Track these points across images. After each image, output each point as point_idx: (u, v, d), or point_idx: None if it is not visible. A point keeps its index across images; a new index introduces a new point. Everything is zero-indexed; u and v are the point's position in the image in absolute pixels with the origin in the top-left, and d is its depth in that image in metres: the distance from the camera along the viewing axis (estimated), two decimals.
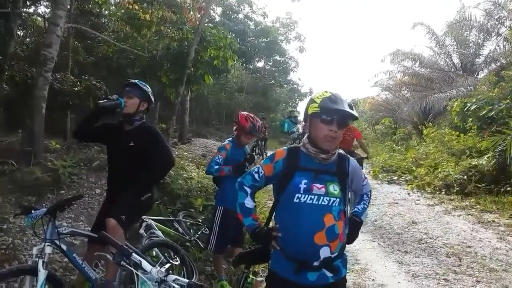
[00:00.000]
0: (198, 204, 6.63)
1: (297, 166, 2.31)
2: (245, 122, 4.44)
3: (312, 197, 2.23)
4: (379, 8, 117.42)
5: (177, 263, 3.84)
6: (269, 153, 17.41)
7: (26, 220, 3.23)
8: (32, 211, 3.23)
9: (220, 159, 4.33)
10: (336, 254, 2.26)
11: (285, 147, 2.47)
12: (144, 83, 3.79)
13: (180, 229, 5.64)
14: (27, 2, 13.52)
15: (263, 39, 33.03)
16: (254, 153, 15.42)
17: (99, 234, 2.74)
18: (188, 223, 5.94)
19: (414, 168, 13.16)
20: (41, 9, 17.50)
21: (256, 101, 30.87)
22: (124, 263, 2.44)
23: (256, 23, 33.55)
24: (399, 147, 18.97)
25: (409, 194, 10.66)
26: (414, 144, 18.36)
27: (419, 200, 9.90)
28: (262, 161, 2.55)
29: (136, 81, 3.78)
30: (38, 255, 2.97)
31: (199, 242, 5.51)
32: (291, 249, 2.24)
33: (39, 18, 17.02)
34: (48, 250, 3.05)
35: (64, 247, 3.23)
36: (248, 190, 2.44)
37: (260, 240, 2.39)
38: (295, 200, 2.23)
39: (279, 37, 34.32)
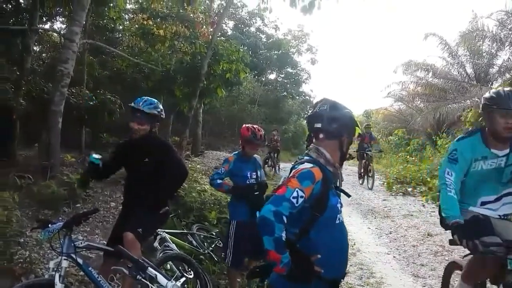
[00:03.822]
0: (212, 217, 6.64)
1: (329, 186, 2.20)
2: (246, 131, 4.49)
3: (341, 215, 2.25)
4: (391, 19, 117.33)
5: (191, 276, 3.85)
6: (281, 165, 17.44)
7: (43, 234, 3.25)
8: (49, 225, 3.24)
9: (222, 171, 4.44)
10: None
11: (314, 164, 2.20)
12: (153, 104, 3.75)
13: (194, 242, 5.65)
14: (43, 18, 13.84)
15: (275, 52, 33.17)
16: (266, 165, 15.58)
17: (116, 248, 2.77)
18: (202, 236, 5.95)
19: (428, 179, 13.00)
20: (57, 25, 17.90)
21: (269, 113, 30.91)
22: (140, 277, 2.47)
23: (267, 36, 33.76)
24: (413, 158, 18.77)
25: (424, 205, 10.52)
26: (428, 155, 18.15)
27: (434, 212, 9.77)
28: (299, 182, 2.09)
29: (143, 106, 3.69)
30: (55, 269, 3.00)
31: (213, 255, 5.52)
32: (331, 270, 2.15)
33: (55, 34, 17.42)
34: (65, 264, 3.07)
35: (80, 260, 3.25)
36: (286, 221, 2.03)
37: (302, 272, 2.05)
38: (336, 221, 2.21)
39: (290, 49, 34.43)
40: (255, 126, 4.60)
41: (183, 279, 2.60)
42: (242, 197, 4.35)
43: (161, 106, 3.84)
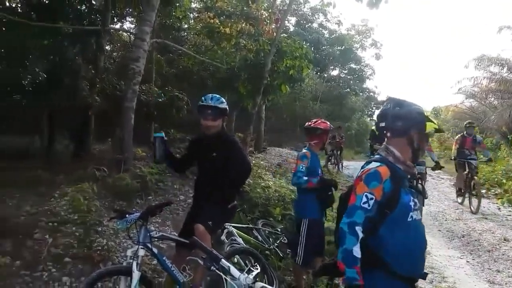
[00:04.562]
0: (276, 213, 6.68)
1: (400, 183, 2.18)
2: (324, 124, 4.59)
3: (417, 213, 2.22)
4: (461, 12, 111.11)
5: (258, 271, 3.90)
6: (344, 163, 17.14)
7: (121, 224, 3.44)
8: (126, 216, 3.43)
9: (304, 168, 4.36)
10: None
11: (381, 163, 2.22)
12: (220, 100, 3.84)
13: (259, 237, 5.72)
14: (114, 19, 14.57)
15: (338, 47, 32.67)
16: (329, 163, 15.40)
17: (191, 239, 2.86)
18: (267, 232, 6.00)
19: (504, 181, 12.23)
20: (127, 25, 18.80)
21: (331, 110, 30.53)
22: (214, 268, 2.54)
23: (330, 31, 33.30)
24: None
25: (499, 208, 9.92)
26: (503, 155, 17.07)
27: (510, 215, 9.18)
28: (366, 185, 2.14)
29: (214, 103, 3.78)
30: (132, 257, 3.15)
31: (278, 251, 5.55)
32: (407, 268, 2.15)
33: (124, 34, 18.29)
34: (141, 252, 3.23)
35: (155, 250, 3.40)
36: (360, 235, 2.07)
37: None
38: (408, 219, 2.17)
39: (354, 45, 33.77)
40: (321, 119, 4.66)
41: (255, 272, 2.63)
42: (325, 190, 4.35)
43: (224, 100, 3.94)
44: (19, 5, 11.98)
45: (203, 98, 3.88)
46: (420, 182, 7.53)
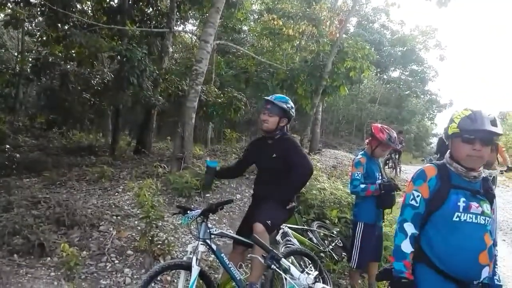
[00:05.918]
0: (332, 216, 6.58)
1: (450, 184, 2.25)
2: (380, 133, 4.33)
3: (471, 216, 2.20)
4: None
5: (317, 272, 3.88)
6: (402, 167, 16.60)
7: (183, 219, 3.52)
8: (188, 212, 3.52)
9: (359, 175, 4.27)
10: (490, 275, 2.23)
11: (431, 164, 2.38)
12: (283, 99, 3.85)
13: (314, 239, 5.66)
14: (178, 21, 15.06)
15: (400, 48, 31.77)
16: (387, 167, 14.99)
17: (252, 237, 2.89)
18: (322, 234, 5.93)
19: None
20: (189, 27, 19.40)
21: (389, 112, 29.73)
22: (275, 267, 2.56)
23: (392, 32, 32.48)
24: None
25: None
26: None
27: None
28: (413, 184, 2.35)
29: (274, 99, 3.82)
30: (192, 252, 3.23)
31: (333, 254, 5.48)
32: (452, 268, 2.18)
33: (186, 35, 18.88)
34: (201, 248, 3.30)
35: (214, 246, 3.46)
36: (409, 231, 2.28)
37: None
38: (454, 219, 2.19)
39: (417, 46, 32.66)
40: (386, 126, 4.46)
41: (316, 273, 2.62)
42: (387, 194, 4.23)
43: (291, 104, 3.92)
44: (89, 8, 12.69)
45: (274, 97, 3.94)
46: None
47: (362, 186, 4.23)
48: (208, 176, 4.08)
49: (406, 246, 2.26)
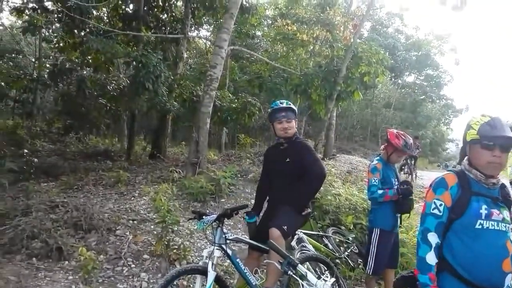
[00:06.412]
0: (348, 221, 6.53)
1: (470, 191, 2.23)
2: (396, 139, 4.30)
3: (493, 223, 2.18)
4: None
5: (334, 279, 3.85)
6: (418, 172, 16.43)
7: (199, 224, 3.52)
8: (203, 217, 3.52)
9: (377, 181, 4.23)
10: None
11: (451, 171, 2.35)
12: (290, 102, 3.91)
13: (329, 245, 5.62)
14: (192, 27, 15.19)
15: (414, 53, 31.55)
16: (402, 172, 14.86)
17: (268, 243, 2.89)
18: (338, 240, 5.89)
19: None
20: (202, 33, 19.53)
21: (404, 117, 29.50)
22: (291, 273, 2.55)
23: (407, 36, 32.29)
24: None
25: None
26: None
27: None
28: (434, 192, 2.30)
29: (288, 104, 3.85)
30: (208, 257, 3.22)
31: (349, 260, 5.44)
32: (475, 276, 2.15)
33: (200, 41, 19.02)
34: (217, 253, 3.29)
35: (229, 252, 3.46)
36: (433, 242, 2.23)
37: None
38: (477, 226, 2.16)
39: (432, 50, 32.39)
40: (402, 132, 4.42)
41: (333, 279, 2.61)
42: (405, 198, 4.19)
43: None
44: (105, 15, 12.89)
45: (274, 103, 3.93)
46: None
47: (380, 191, 4.19)
48: (251, 230, 4.03)
49: (431, 258, 2.21)
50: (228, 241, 3.47)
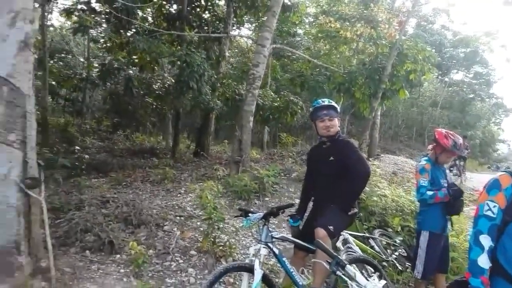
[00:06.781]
0: (395, 223, 6.37)
1: None
2: (445, 139, 4.15)
3: None
4: None
5: (384, 282, 3.77)
6: (468, 174, 15.83)
7: (245, 222, 3.54)
8: (249, 214, 3.54)
9: (426, 182, 4.11)
10: None
11: (505, 172, 2.24)
12: (331, 100, 3.88)
13: (376, 247, 5.49)
14: (234, 26, 15.30)
15: (462, 49, 30.38)
16: (451, 173, 14.37)
17: (315, 242, 2.87)
18: (384, 242, 5.75)
19: None
20: (243, 32, 19.64)
21: (452, 117, 28.52)
22: (340, 273, 2.52)
23: (454, 32, 31.15)
24: None
25: None
26: None
27: None
28: (487, 194, 2.21)
29: (330, 102, 3.82)
30: (254, 255, 3.23)
31: (397, 264, 5.30)
32: None
33: (242, 40, 19.13)
34: (264, 251, 3.30)
35: (276, 250, 3.44)
36: (486, 244, 2.14)
37: None
38: None
39: (480, 47, 31.08)
40: (451, 132, 4.27)
41: (384, 282, 2.55)
42: (455, 200, 4.06)
43: None
44: (150, 15, 13.21)
45: (316, 101, 3.90)
46: None
47: (430, 193, 4.06)
48: (294, 234, 4.03)
49: (484, 261, 2.11)
50: (274, 240, 3.47)
